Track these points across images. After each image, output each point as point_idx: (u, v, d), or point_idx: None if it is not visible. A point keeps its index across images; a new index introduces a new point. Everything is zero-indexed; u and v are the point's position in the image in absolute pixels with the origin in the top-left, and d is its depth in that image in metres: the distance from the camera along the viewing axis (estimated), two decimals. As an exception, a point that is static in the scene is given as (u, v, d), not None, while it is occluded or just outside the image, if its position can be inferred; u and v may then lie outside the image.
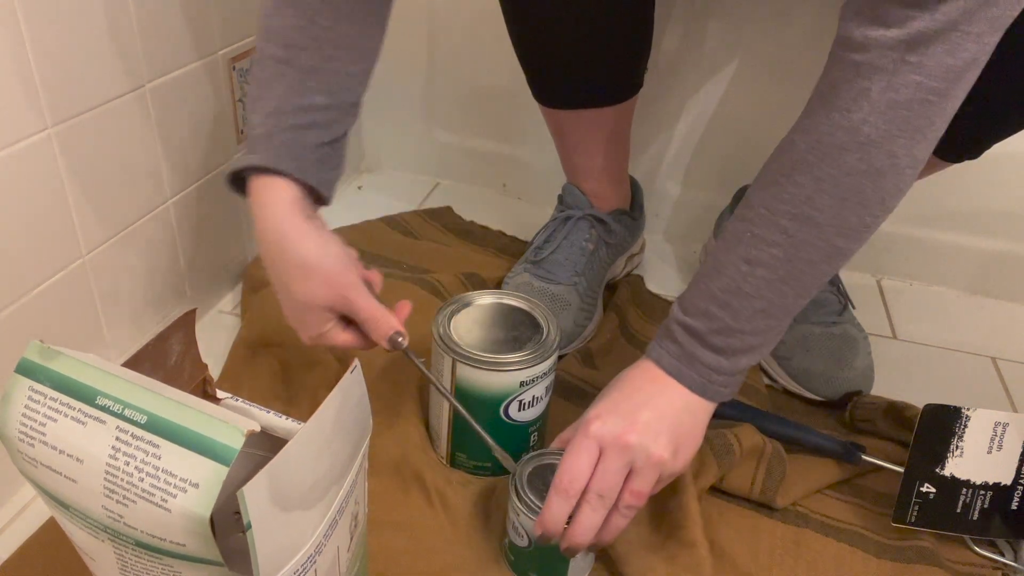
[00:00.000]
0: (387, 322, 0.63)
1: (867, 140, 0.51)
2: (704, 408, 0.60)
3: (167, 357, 0.48)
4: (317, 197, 0.64)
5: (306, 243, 0.61)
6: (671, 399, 0.59)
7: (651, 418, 0.57)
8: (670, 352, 0.60)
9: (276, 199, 0.61)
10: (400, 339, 0.63)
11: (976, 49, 0.48)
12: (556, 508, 0.56)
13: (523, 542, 0.61)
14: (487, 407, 0.67)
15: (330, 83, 0.63)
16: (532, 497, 0.59)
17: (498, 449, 0.64)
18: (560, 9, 0.75)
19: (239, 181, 0.64)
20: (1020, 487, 0.66)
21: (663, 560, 0.63)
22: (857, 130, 0.51)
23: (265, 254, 0.62)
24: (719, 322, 0.57)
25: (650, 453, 0.56)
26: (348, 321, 0.64)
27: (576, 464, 0.56)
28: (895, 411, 0.77)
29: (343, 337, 0.64)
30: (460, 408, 0.65)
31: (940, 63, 0.48)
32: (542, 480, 0.61)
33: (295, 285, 0.61)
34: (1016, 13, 0.47)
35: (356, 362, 0.44)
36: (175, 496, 0.37)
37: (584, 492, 0.56)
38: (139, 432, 0.38)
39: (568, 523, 0.56)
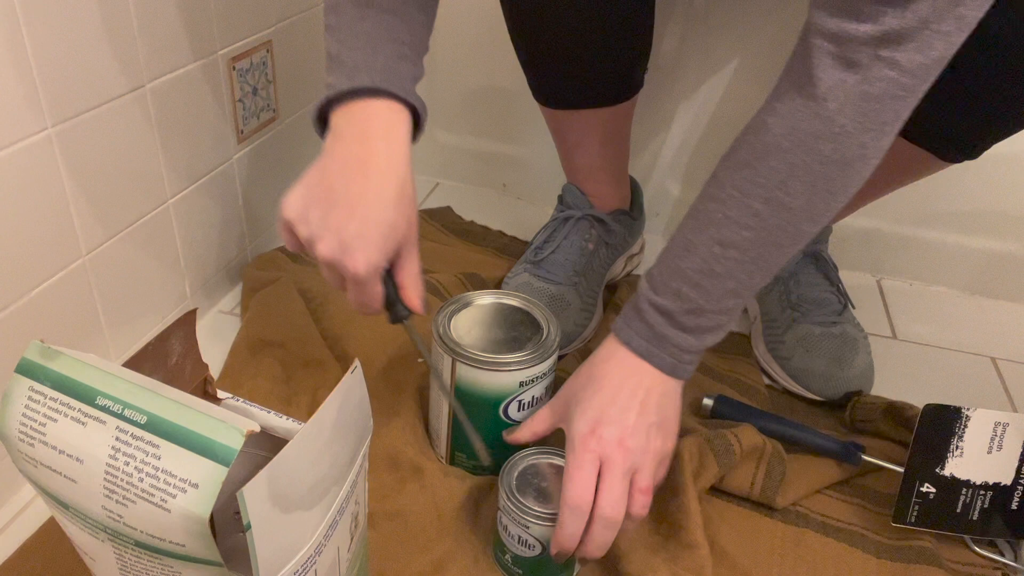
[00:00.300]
0: (422, 286, 0.63)
1: (841, 131, 0.52)
2: (676, 387, 0.62)
3: (168, 357, 0.48)
4: (414, 128, 0.63)
5: (410, 177, 0.60)
6: (650, 388, 0.60)
7: (639, 416, 0.59)
8: (639, 333, 0.61)
9: (398, 122, 0.61)
10: (426, 306, 0.63)
11: (944, 47, 0.49)
12: (569, 525, 0.57)
13: (529, 551, 0.61)
14: (486, 407, 0.67)
15: (409, 25, 0.63)
16: (528, 504, 0.59)
17: (477, 439, 0.64)
18: (560, 9, 0.75)
19: (324, 117, 0.62)
20: (1020, 487, 0.66)
21: (664, 561, 0.63)
22: (833, 120, 0.52)
23: (364, 170, 0.59)
24: (691, 302, 0.59)
25: (646, 449, 0.58)
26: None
27: (581, 480, 0.57)
28: (895, 411, 0.77)
29: (378, 288, 0.61)
30: (450, 395, 0.65)
31: (912, 60, 0.49)
32: (532, 484, 0.61)
33: (387, 207, 0.58)
34: (982, 13, 0.48)
35: (356, 362, 0.44)
36: (175, 496, 0.37)
37: (594, 509, 0.56)
38: (139, 432, 0.38)
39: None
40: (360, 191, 0.58)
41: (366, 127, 0.60)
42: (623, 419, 0.58)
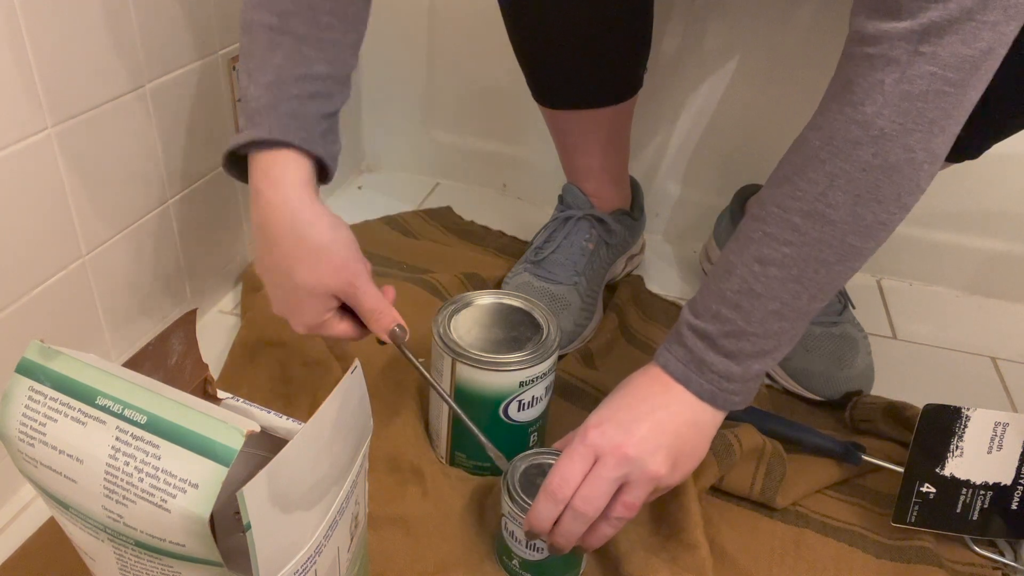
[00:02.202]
0: (390, 314, 0.62)
1: (881, 134, 0.50)
2: (712, 419, 0.58)
3: (168, 357, 0.48)
4: (321, 173, 0.62)
5: (319, 225, 0.59)
6: (677, 411, 0.57)
7: (651, 431, 0.55)
8: (678, 357, 0.58)
9: (287, 174, 0.59)
10: (400, 332, 0.62)
11: (992, 38, 0.47)
12: (543, 509, 0.55)
13: (538, 554, 0.60)
14: (487, 407, 0.67)
15: (327, 52, 0.61)
16: (526, 497, 0.59)
17: (491, 448, 0.64)
18: (559, 10, 0.75)
19: (236, 161, 0.62)
20: (1020, 487, 0.66)
21: (665, 562, 0.63)
22: (871, 124, 0.50)
23: (271, 235, 0.59)
24: (730, 324, 0.56)
25: (645, 468, 0.55)
26: (344, 311, 0.63)
27: (568, 469, 0.55)
28: (895, 411, 0.77)
29: (341, 327, 0.63)
30: (451, 403, 0.65)
31: (955, 53, 0.47)
32: (533, 481, 0.61)
33: (303, 269, 0.59)
34: None
35: (356, 362, 0.44)
36: (175, 496, 0.37)
37: (572, 498, 0.55)
38: (139, 432, 0.38)
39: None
40: (278, 258, 0.60)
41: (265, 181, 0.59)
42: (633, 427, 0.55)
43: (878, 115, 0.49)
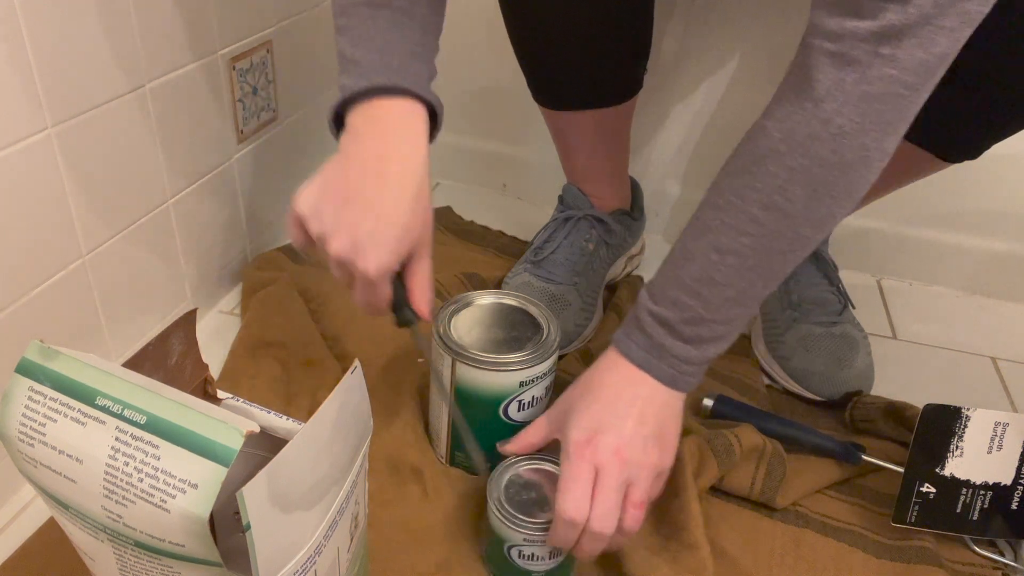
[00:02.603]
0: (432, 291, 0.62)
1: (840, 132, 0.51)
2: (678, 398, 0.61)
3: (168, 357, 0.48)
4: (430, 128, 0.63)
5: (427, 179, 0.59)
6: (648, 398, 0.59)
7: (635, 426, 0.57)
8: (639, 344, 0.60)
9: (417, 120, 0.59)
10: (436, 312, 0.62)
11: (947, 44, 0.48)
12: (564, 537, 0.57)
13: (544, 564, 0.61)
14: (487, 407, 0.67)
15: (422, 25, 0.62)
16: (522, 516, 0.59)
17: (477, 453, 0.64)
18: (559, 10, 0.75)
19: (340, 119, 0.61)
20: (1020, 487, 0.66)
21: (666, 562, 0.63)
22: (830, 121, 0.51)
23: (385, 168, 0.58)
24: (690, 311, 0.57)
25: (643, 463, 0.57)
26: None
27: (577, 491, 0.56)
28: (895, 411, 0.77)
29: (387, 290, 0.60)
30: (452, 401, 0.65)
31: (913, 57, 0.48)
32: (521, 494, 0.61)
33: (406, 208, 0.57)
34: (987, 8, 0.47)
35: (356, 363, 0.44)
36: (174, 497, 0.37)
37: (588, 521, 0.56)
38: (139, 432, 0.38)
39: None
40: (377, 190, 0.57)
41: (384, 126, 0.59)
42: (620, 428, 0.57)
43: (838, 113, 0.51)
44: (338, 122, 0.62)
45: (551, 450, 0.64)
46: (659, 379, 0.59)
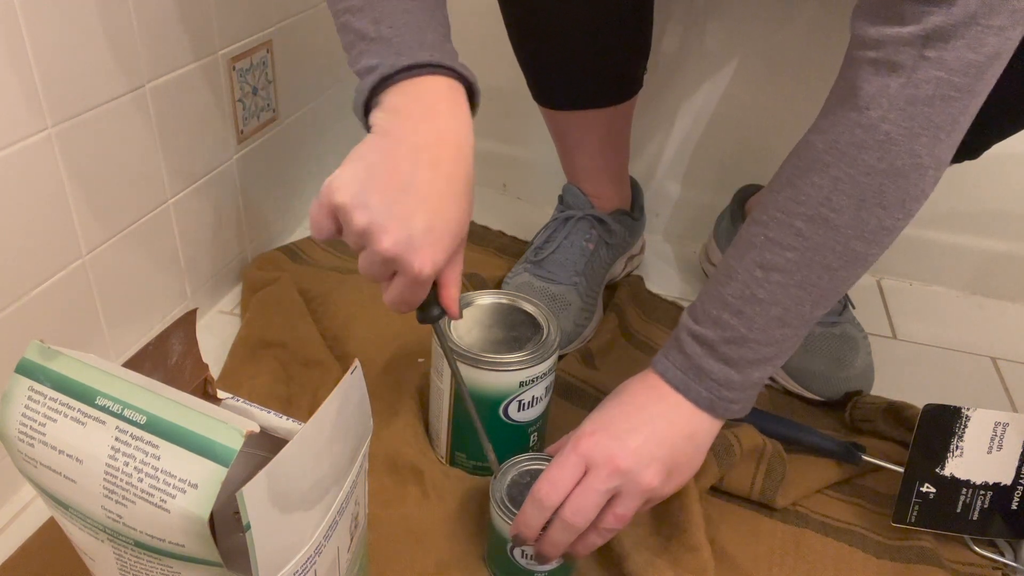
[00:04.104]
0: (459, 292, 0.58)
1: (887, 138, 0.49)
2: (710, 428, 0.57)
3: (168, 357, 0.48)
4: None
5: (473, 167, 0.54)
6: (673, 421, 0.56)
7: (645, 442, 0.54)
8: (676, 364, 0.57)
9: (459, 99, 0.54)
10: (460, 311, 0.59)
11: (998, 43, 0.46)
12: (530, 517, 0.55)
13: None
14: (486, 407, 0.67)
15: (441, 7, 0.57)
16: (512, 507, 0.59)
17: (491, 453, 0.64)
18: (559, 10, 0.75)
19: (366, 103, 0.55)
20: (1020, 487, 0.66)
21: (667, 563, 0.63)
22: (876, 128, 0.49)
23: (437, 154, 0.52)
24: (732, 331, 0.54)
25: (638, 480, 0.54)
26: None
27: (558, 476, 0.54)
28: (895, 411, 0.77)
29: (428, 289, 0.56)
30: (469, 401, 0.65)
31: (961, 58, 0.46)
32: (524, 493, 0.60)
33: (458, 202, 0.53)
34: None
35: (356, 363, 0.44)
36: (174, 497, 0.37)
37: (560, 508, 0.54)
38: (138, 432, 0.38)
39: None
40: (430, 179, 0.51)
41: (432, 106, 0.53)
42: (627, 438, 0.54)
43: (884, 119, 0.49)
44: (366, 107, 0.56)
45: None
46: (696, 403, 0.56)
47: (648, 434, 0.55)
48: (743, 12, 0.99)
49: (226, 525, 0.48)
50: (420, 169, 0.51)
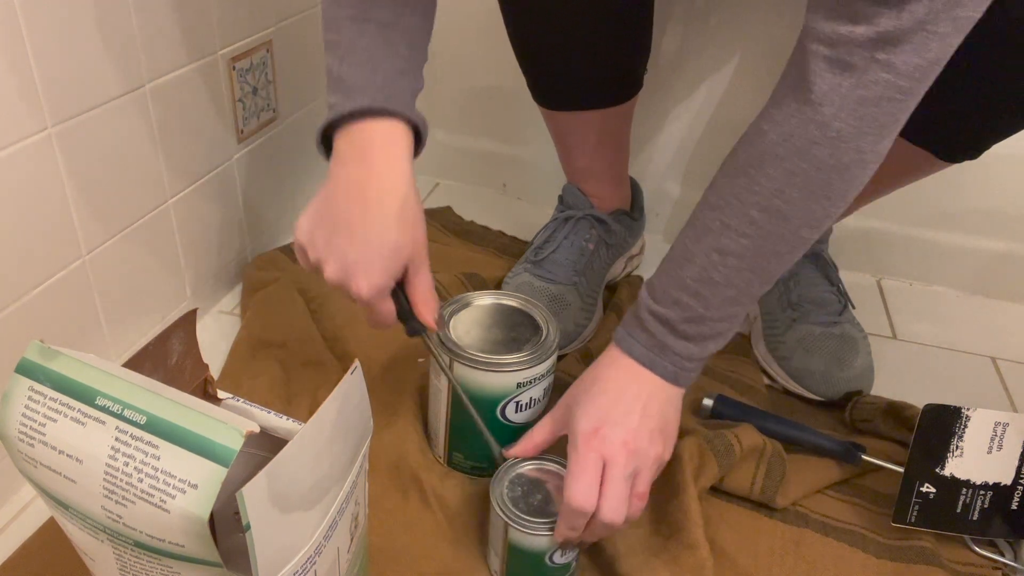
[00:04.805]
0: (437, 304, 0.64)
1: (837, 135, 0.52)
2: (679, 393, 0.62)
3: (168, 357, 0.48)
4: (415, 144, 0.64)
5: (416, 195, 0.61)
6: (652, 393, 0.60)
7: (641, 419, 0.59)
8: (641, 342, 0.61)
9: (398, 141, 0.61)
10: (441, 323, 0.64)
11: (939, 49, 0.49)
12: (573, 523, 0.57)
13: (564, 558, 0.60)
14: (484, 408, 0.67)
15: (408, 37, 0.63)
16: (528, 516, 0.59)
17: (495, 447, 0.64)
18: (559, 10, 0.75)
19: (326, 139, 0.63)
20: (1020, 487, 0.66)
21: (665, 563, 0.63)
22: (828, 125, 0.52)
23: (371, 193, 0.60)
24: (691, 311, 0.59)
25: (648, 454, 0.58)
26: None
27: (586, 481, 0.57)
28: (895, 411, 0.77)
29: (387, 305, 0.62)
30: (469, 405, 0.65)
31: (908, 62, 0.49)
32: (526, 496, 0.61)
33: (394, 228, 0.60)
34: (979, 14, 0.48)
35: (356, 363, 0.44)
36: (174, 497, 0.37)
37: (597, 510, 0.56)
38: (138, 433, 0.38)
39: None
40: (360, 214, 0.59)
41: (365, 149, 0.61)
42: (627, 421, 0.58)
43: (835, 117, 0.51)
44: (326, 141, 0.64)
45: (551, 451, 0.64)
46: (662, 376, 0.60)
47: (641, 411, 0.59)
48: (743, 12, 0.99)
49: (226, 525, 0.48)
50: (352, 207, 0.59)
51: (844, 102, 0.51)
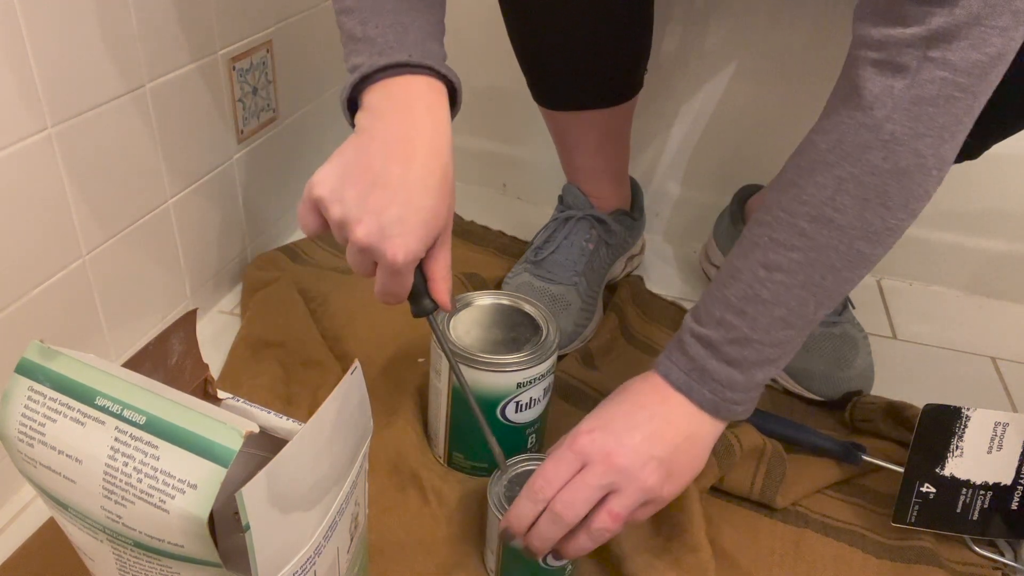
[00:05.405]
0: (451, 279, 0.60)
1: (891, 138, 0.49)
2: (712, 430, 0.57)
3: (168, 357, 0.48)
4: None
5: (452, 160, 0.56)
6: (675, 422, 0.56)
7: (644, 441, 0.54)
8: (679, 365, 0.56)
9: (440, 100, 0.57)
10: (455, 304, 0.61)
11: (1001, 43, 0.46)
12: (521, 509, 0.55)
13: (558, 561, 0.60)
14: (484, 408, 0.67)
15: (430, 5, 0.59)
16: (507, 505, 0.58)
17: (498, 453, 0.64)
18: (559, 11, 0.75)
19: (353, 100, 0.58)
20: (1020, 487, 0.66)
21: (667, 565, 0.63)
22: (880, 127, 0.49)
23: (411, 150, 0.54)
24: (735, 331, 0.54)
25: (634, 478, 0.53)
26: None
27: (553, 471, 0.54)
28: (895, 411, 0.77)
29: (410, 278, 0.57)
30: (471, 396, 0.64)
31: (965, 58, 0.46)
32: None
33: (434, 192, 0.54)
34: None
35: (356, 363, 0.44)
36: (173, 497, 0.37)
37: (551, 501, 0.54)
38: (138, 433, 0.38)
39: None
40: (403, 173, 0.53)
41: (408, 104, 0.56)
42: (624, 436, 0.54)
43: (888, 119, 0.49)
44: (351, 105, 0.58)
45: None
46: (699, 404, 0.55)
47: (648, 433, 0.54)
48: (743, 12, 0.99)
49: (226, 525, 0.48)
50: (393, 164, 0.53)
51: (898, 103, 0.48)
